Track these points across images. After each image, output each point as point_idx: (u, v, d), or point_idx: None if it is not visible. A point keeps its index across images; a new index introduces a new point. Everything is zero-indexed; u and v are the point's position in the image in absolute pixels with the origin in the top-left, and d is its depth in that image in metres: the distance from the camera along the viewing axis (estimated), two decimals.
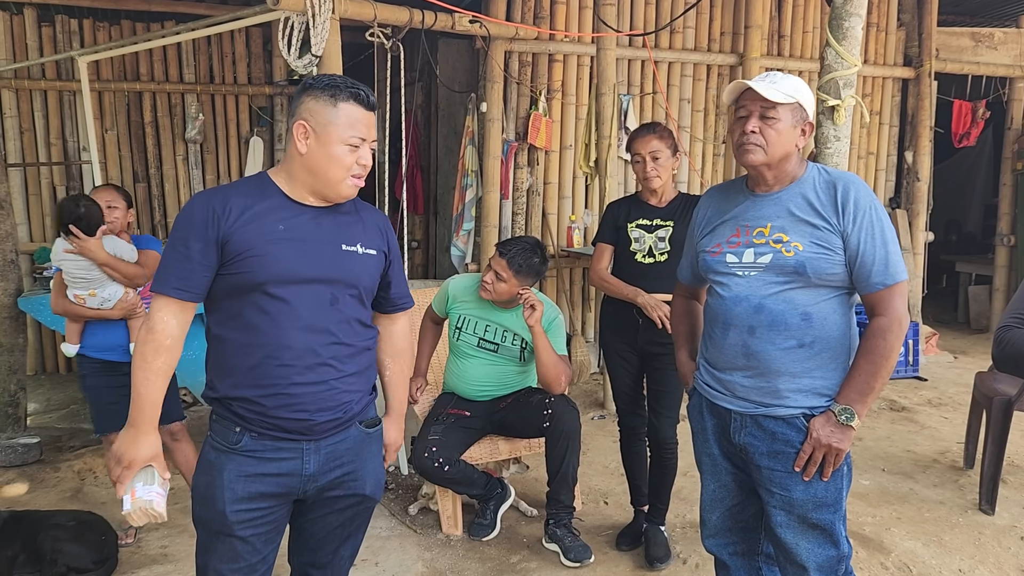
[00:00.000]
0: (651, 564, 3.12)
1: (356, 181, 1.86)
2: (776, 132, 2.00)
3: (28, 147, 5.82)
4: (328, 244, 1.86)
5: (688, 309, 2.42)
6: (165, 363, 1.78)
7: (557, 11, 5.62)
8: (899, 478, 4.02)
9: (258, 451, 1.83)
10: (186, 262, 1.76)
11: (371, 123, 1.87)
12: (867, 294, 1.98)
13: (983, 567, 3.13)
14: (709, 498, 2.27)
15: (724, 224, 2.13)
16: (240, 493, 1.82)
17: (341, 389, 1.88)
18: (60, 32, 5.78)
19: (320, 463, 1.89)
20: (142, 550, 3.26)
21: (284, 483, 1.86)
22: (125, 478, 1.78)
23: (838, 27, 2.91)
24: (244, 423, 1.83)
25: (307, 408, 1.83)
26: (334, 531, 2.01)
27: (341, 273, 1.86)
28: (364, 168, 1.86)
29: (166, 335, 1.77)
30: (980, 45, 6.84)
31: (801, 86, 2.05)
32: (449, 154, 6.61)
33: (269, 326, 1.79)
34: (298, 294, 1.80)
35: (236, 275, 1.78)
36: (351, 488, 1.96)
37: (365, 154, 1.85)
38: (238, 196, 1.81)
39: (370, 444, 2.00)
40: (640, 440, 3.28)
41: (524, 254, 3.20)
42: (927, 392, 5.62)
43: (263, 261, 1.77)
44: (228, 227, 1.77)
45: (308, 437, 1.86)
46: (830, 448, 1.96)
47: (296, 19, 3.69)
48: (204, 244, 1.76)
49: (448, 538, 3.36)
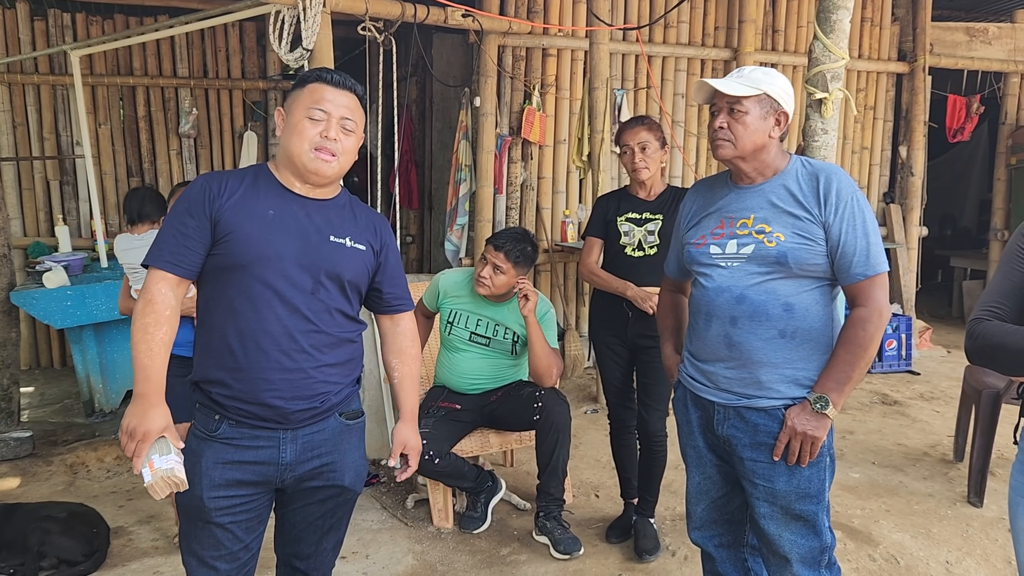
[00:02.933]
0: (640, 556, 3.14)
1: (320, 155, 1.85)
2: (743, 126, 2.02)
3: (21, 141, 5.82)
4: (316, 233, 1.88)
5: (674, 303, 2.43)
6: (167, 334, 1.79)
7: (550, 5, 5.62)
8: (889, 471, 4.04)
9: (235, 439, 1.85)
10: (180, 238, 1.80)
11: (341, 102, 1.87)
12: (848, 285, 1.99)
13: (970, 559, 3.15)
14: (694, 490, 2.28)
15: (709, 216, 2.14)
16: (217, 480, 1.84)
17: (318, 379, 1.89)
18: (53, 26, 5.76)
19: (297, 452, 1.89)
20: (133, 543, 3.27)
21: (261, 471, 1.88)
22: (141, 451, 1.75)
23: (826, 20, 2.92)
24: (222, 410, 1.85)
25: (282, 395, 1.84)
26: (315, 522, 2.02)
27: (325, 263, 1.87)
28: (331, 142, 1.85)
29: (165, 306, 1.79)
30: (974, 40, 6.84)
31: (771, 78, 2.05)
32: (443, 149, 6.61)
33: (248, 309, 1.82)
34: (280, 279, 1.82)
35: (222, 255, 1.81)
36: (329, 479, 1.96)
37: (332, 129, 1.85)
38: (236, 179, 1.88)
39: (350, 436, 2.00)
40: (630, 433, 3.29)
41: (518, 244, 3.23)
42: (919, 386, 5.63)
43: (248, 243, 1.81)
44: (221, 206, 1.82)
45: (284, 426, 1.87)
46: (805, 436, 1.97)
47: (287, 12, 3.69)
48: (198, 221, 1.81)
49: (439, 531, 3.37)
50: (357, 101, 1.91)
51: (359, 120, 1.92)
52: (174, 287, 1.80)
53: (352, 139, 1.90)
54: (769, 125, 2.04)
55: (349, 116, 1.88)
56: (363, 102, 1.95)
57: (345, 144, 1.88)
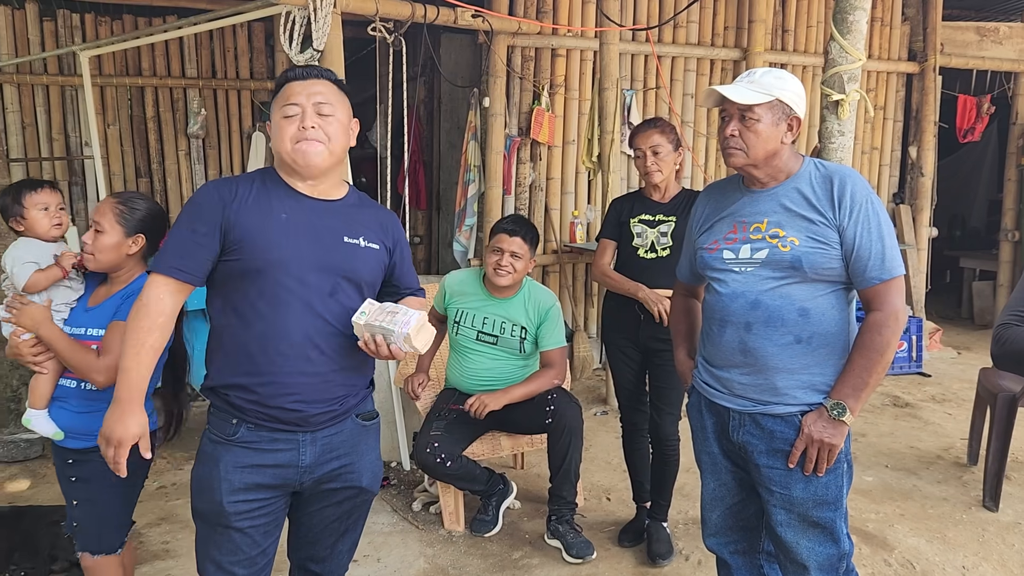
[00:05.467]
0: (653, 560, 3.12)
1: (304, 145, 1.83)
2: (755, 133, 1.98)
3: (30, 142, 5.81)
4: (330, 235, 1.87)
5: (687, 307, 2.41)
6: (157, 341, 1.79)
7: (560, 6, 5.59)
8: (902, 474, 4.01)
9: (254, 442, 1.84)
10: (189, 244, 1.80)
11: (312, 90, 1.84)
12: (863, 289, 1.97)
13: (987, 564, 3.12)
14: (709, 497, 2.26)
15: (721, 221, 2.12)
16: (237, 484, 1.83)
17: (337, 382, 1.89)
18: (62, 27, 5.76)
19: (316, 454, 1.89)
20: (144, 546, 3.27)
21: (280, 474, 1.87)
22: (121, 457, 1.78)
23: (842, 21, 2.89)
24: (241, 414, 1.84)
25: (303, 398, 1.84)
26: (332, 524, 2.01)
27: (342, 264, 1.86)
28: (310, 130, 1.82)
29: (160, 312, 1.78)
30: (985, 40, 6.80)
31: (783, 82, 2.01)
32: (451, 149, 6.59)
33: (268, 313, 1.81)
34: (298, 283, 1.81)
35: (238, 261, 1.80)
36: (348, 480, 1.96)
37: (307, 118, 1.83)
38: (245, 185, 1.86)
39: (366, 437, 2.00)
40: (642, 436, 3.27)
41: (528, 226, 3.27)
42: (931, 388, 5.60)
43: (265, 247, 1.80)
44: (233, 213, 1.80)
45: (303, 428, 1.86)
46: (823, 444, 1.95)
47: (297, 13, 3.68)
48: (209, 228, 1.79)
49: (450, 534, 3.36)
50: (331, 85, 1.88)
51: (337, 102, 1.87)
52: (174, 293, 1.80)
53: (334, 123, 1.86)
54: (781, 131, 2.01)
55: (323, 100, 1.84)
56: (341, 86, 1.91)
57: (328, 129, 1.84)
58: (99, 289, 2.33)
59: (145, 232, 2.26)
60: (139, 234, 2.25)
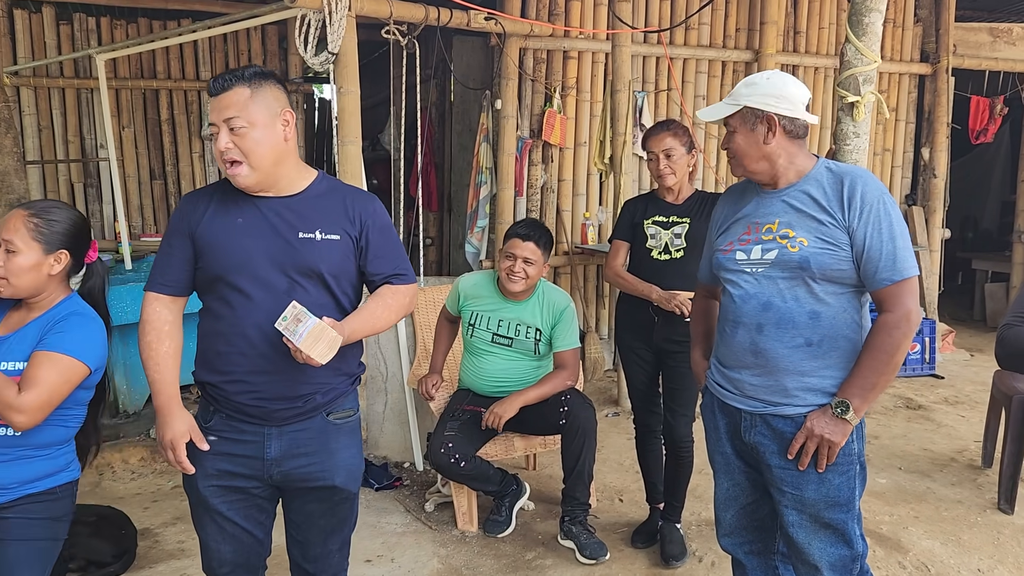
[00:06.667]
0: (667, 562, 3.12)
1: (228, 169, 1.84)
2: (736, 144, 2.08)
3: (46, 144, 5.87)
4: (284, 232, 1.90)
5: (707, 308, 2.42)
6: (171, 347, 1.93)
7: (572, 8, 5.60)
8: (916, 477, 4.00)
9: (225, 431, 1.96)
10: (167, 258, 1.96)
11: (221, 105, 1.82)
12: (875, 290, 1.96)
13: (1002, 567, 3.11)
14: (723, 497, 2.27)
15: (737, 222, 2.14)
16: (210, 469, 1.96)
17: (301, 380, 1.93)
18: (78, 30, 5.82)
19: (283, 448, 1.96)
20: (159, 545, 3.29)
21: (248, 464, 1.97)
22: (181, 456, 1.92)
23: (858, 23, 2.89)
24: (216, 404, 1.97)
25: (263, 396, 1.92)
26: (317, 522, 2.07)
27: (296, 261, 1.90)
28: (226, 152, 1.81)
29: (163, 321, 1.93)
30: (998, 41, 6.77)
31: (753, 87, 2.03)
32: (463, 151, 6.61)
33: (229, 315, 1.90)
34: (254, 284, 1.89)
35: (203, 268, 1.92)
36: (320, 479, 2.01)
37: (220, 141, 1.82)
38: (212, 193, 1.96)
39: (338, 435, 2.03)
40: (655, 438, 3.27)
41: (541, 230, 3.27)
42: (944, 390, 5.58)
43: (219, 253, 1.89)
44: (196, 222, 1.92)
45: (268, 423, 1.95)
46: (822, 440, 1.96)
47: (313, 17, 3.70)
48: (180, 240, 1.94)
49: (463, 534, 3.37)
50: (241, 88, 1.81)
51: (251, 107, 1.81)
52: (168, 304, 1.96)
53: (249, 136, 1.81)
54: (760, 135, 2.03)
55: (232, 114, 1.81)
56: (257, 79, 1.84)
57: (244, 145, 1.82)
58: (11, 314, 1.99)
59: (68, 248, 1.96)
60: (61, 250, 1.95)
